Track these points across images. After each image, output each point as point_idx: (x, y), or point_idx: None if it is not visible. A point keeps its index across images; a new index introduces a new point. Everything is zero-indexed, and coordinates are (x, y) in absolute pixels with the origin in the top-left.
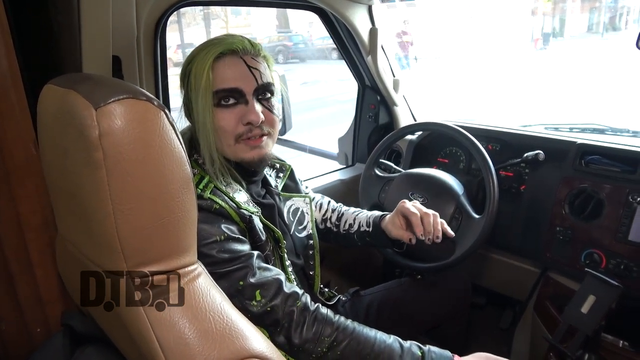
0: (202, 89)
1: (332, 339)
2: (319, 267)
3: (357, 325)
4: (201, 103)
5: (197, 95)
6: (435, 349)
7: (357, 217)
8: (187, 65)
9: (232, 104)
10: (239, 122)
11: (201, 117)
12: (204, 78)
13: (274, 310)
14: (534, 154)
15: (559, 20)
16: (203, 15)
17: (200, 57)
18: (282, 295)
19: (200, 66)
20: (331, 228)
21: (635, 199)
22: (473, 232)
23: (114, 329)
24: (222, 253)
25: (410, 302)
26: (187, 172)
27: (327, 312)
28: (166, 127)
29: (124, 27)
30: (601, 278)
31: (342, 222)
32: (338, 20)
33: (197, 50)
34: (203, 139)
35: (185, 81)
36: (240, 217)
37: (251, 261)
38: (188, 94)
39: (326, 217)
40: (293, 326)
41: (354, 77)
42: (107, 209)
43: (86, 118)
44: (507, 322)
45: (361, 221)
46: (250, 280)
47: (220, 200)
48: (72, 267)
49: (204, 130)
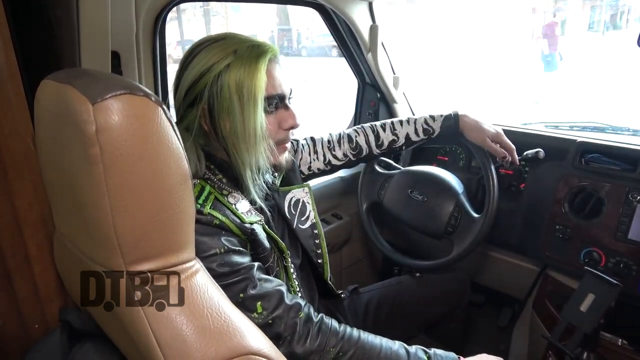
0: (259, 96)
1: (338, 349)
2: (327, 254)
3: (362, 334)
4: (255, 110)
5: (244, 103)
6: (440, 351)
7: (396, 131)
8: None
9: (274, 110)
10: (278, 128)
11: (252, 124)
12: (260, 84)
13: (276, 322)
14: (534, 152)
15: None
16: (203, 12)
17: (241, 61)
18: (284, 306)
19: (248, 71)
20: (343, 162)
21: (635, 198)
22: (472, 230)
23: (112, 326)
24: (222, 266)
25: (409, 299)
26: (185, 168)
27: (332, 322)
28: (164, 123)
29: (123, 22)
30: (600, 276)
31: (371, 144)
32: (338, 17)
33: (222, 52)
34: (252, 147)
35: (207, 86)
36: (242, 231)
37: (252, 273)
38: (218, 100)
39: (328, 160)
40: (296, 338)
41: (354, 74)
42: (104, 205)
43: (83, 113)
44: (505, 320)
45: (408, 132)
46: (250, 292)
47: (221, 215)
48: (70, 264)
49: (255, 139)
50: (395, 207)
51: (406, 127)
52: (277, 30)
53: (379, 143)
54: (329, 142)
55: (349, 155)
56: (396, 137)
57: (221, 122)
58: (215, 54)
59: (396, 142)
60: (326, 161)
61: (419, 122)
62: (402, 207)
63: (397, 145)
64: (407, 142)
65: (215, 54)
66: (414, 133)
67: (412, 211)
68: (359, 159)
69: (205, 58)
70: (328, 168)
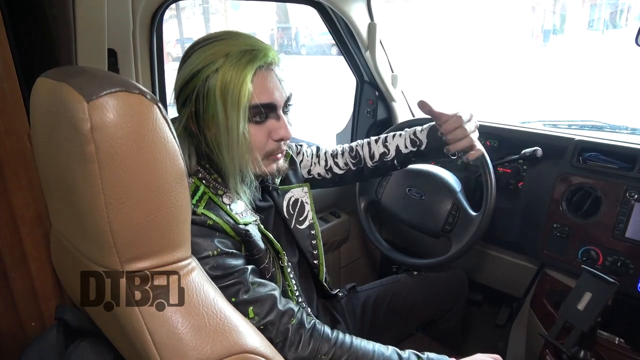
0: (243, 104)
1: (330, 356)
2: (323, 255)
3: (354, 339)
4: (237, 119)
5: (228, 110)
6: (433, 355)
7: (388, 143)
8: (199, 68)
9: (263, 120)
10: (268, 138)
11: (234, 133)
12: (245, 92)
13: (268, 328)
14: (532, 150)
15: (560, 16)
16: (202, 10)
17: (230, 65)
18: (276, 312)
19: (235, 77)
20: (343, 172)
21: (632, 196)
22: (470, 228)
23: (108, 324)
24: (215, 269)
25: (407, 298)
26: (181, 166)
27: (324, 328)
28: (159, 121)
29: (120, 19)
30: (597, 275)
31: (365, 157)
32: (336, 15)
33: (215, 53)
34: (234, 156)
35: (196, 87)
36: (236, 232)
37: (244, 276)
38: (204, 103)
39: (329, 167)
40: (287, 344)
41: (352, 72)
42: (100, 202)
43: (78, 111)
44: (504, 318)
45: (398, 144)
46: (243, 296)
47: (214, 215)
48: (66, 261)
49: (237, 148)
50: (393, 206)
51: (397, 139)
52: (277, 28)
53: (371, 154)
54: (333, 151)
55: (349, 164)
56: (387, 150)
57: (207, 127)
58: (207, 56)
59: (387, 155)
60: (327, 167)
61: (408, 133)
62: (400, 205)
63: (388, 158)
64: (398, 154)
65: (207, 56)
66: (403, 145)
67: (410, 209)
68: (358, 169)
69: (198, 59)
70: (329, 176)
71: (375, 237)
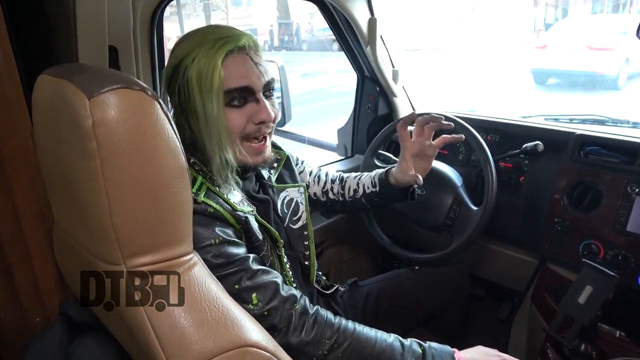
0: (215, 89)
1: (333, 341)
2: (314, 257)
3: (357, 326)
4: (212, 105)
5: (204, 97)
6: (435, 344)
7: (360, 180)
8: (179, 61)
9: (242, 103)
10: (248, 122)
11: (212, 119)
12: (216, 77)
13: (271, 313)
14: (533, 145)
15: (562, 10)
16: (203, 7)
17: (203, 54)
18: (280, 298)
19: (207, 64)
20: (336, 199)
21: (633, 190)
22: (471, 223)
23: (110, 320)
24: (217, 257)
25: (409, 292)
26: (182, 161)
27: (327, 313)
28: (160, 117)
29: (121, 16)
30: (598, 269)
31: (346, 190)
32: (337, 10)
33: (192, 45)
34: (214, 142)
35: (178, 79)
36: (236, 219)
37: (247, 264)
38: (185, 93)
39: (327, 189)
40: (291, 329)
41: (353, 68)
42: (102, 199)
43: (79, 108)
44: (505, 313)
45: (365, 183)
46: (246, 283)
47: (215, 203)
48: (70, 257)
49: (215, 134)
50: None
51: (367, 178)
52: (277, 24)
53: (347, 187)
54: (333, 177)
55: (339, 194)
56: (357, 187)
57: (191, 117)
58: (185, 48)
59: (357, 192)
60: (324, 189)
61: (376, 173)
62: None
63: (358, 195)
64: (364, 193)
65: (185, 48)
66: (369, 183)
67: (411, 204)
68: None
69: (178, 53)
70: (323, 199)
71: (377, 232)
